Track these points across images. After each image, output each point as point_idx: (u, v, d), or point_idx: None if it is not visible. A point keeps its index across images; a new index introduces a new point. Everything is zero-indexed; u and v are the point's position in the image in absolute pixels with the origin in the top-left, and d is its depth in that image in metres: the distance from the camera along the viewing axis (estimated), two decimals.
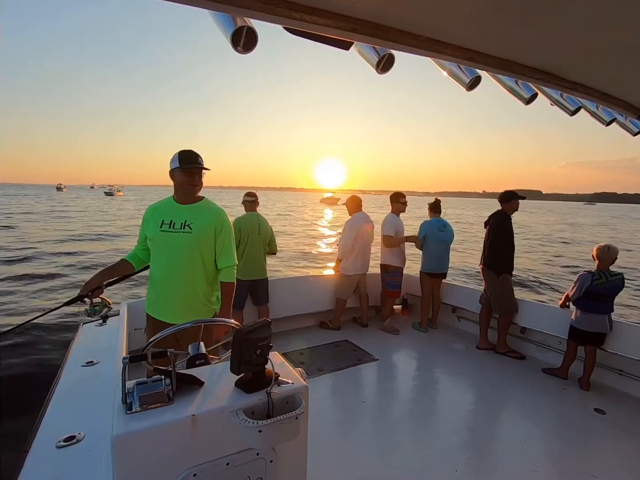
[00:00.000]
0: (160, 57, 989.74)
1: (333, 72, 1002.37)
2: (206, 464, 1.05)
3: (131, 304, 2.96)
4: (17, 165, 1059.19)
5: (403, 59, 4.46)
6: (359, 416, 2.71)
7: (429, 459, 2.21)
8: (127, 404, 1.04)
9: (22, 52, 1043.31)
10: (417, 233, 4.50)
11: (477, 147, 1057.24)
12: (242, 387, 1.14)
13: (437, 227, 4.43)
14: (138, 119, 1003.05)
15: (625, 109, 2.07)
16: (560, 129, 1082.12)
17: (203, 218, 2.10)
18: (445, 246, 4.43)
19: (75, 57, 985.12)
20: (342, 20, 1.20)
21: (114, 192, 74.33)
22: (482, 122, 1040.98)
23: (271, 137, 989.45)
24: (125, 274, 2.25)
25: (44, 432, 1.55)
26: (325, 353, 3.73)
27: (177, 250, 2.05)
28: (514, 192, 3.88)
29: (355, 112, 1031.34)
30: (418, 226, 4.55)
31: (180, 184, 2.07)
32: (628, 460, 2.29)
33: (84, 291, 2.05)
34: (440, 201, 4.62)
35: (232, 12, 1.12)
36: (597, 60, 1.55)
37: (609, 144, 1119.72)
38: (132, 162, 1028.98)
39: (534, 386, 3.16)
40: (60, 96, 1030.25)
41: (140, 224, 2.20)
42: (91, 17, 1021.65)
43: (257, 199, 3.94)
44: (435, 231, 4.40)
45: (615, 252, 3.14)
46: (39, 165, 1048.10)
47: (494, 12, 1.18)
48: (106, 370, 2.06)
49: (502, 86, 1.84)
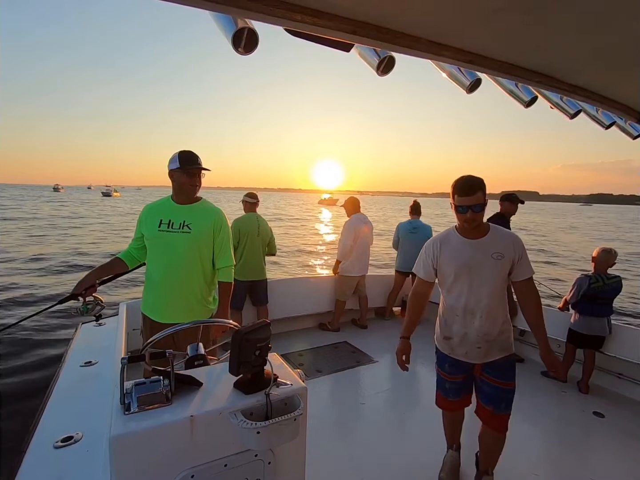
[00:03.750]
0: (160, 57, 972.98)
1: (333, 74, 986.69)
2: (204, 465, 1.05)
3: (130, 304, 2.96)
4: (12, 165, 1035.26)
5: (403, 62, 4.44)
6: (357, 418, 2.71)
7: (428, 460, 2.20)
8: (125, 405, 1.04)
9: (21, 53, 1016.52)
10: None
11: (475, 149, 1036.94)
12: (241, 388, 1.13)
13: (409, 229, 4.70)
14: (137, 119, 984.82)
15: (625, 112, 2.07)
16: (556, 132, 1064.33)
17: (202, 218, 2.11)
18: (417, 246, 4.54)
19: (73, 58, 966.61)
20: (342, 22, 1.20)
21: (111, 192, 74.35)
22: (479, 124, 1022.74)
23: (270, 138, 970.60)
24: (119, 273, 2.24)
25: (41, 432, 1.55)
26: (325, 354, 3.72)
27: (176, 250, 2.05)
28: (514, 195, 3.88)
29: (355, 113, 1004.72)
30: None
31: (181, 185, 2.07)
32: (627, 463, 2.29)
33: (77, 289, 2.03)
34: (419, 203, 4.85)
35: (233, 14, 1.12)
36: (597, 63, 1.56)
37: (604, 147, 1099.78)
38: (130, 162, 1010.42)
39: (533, 389, 3.15)
40: (57, 97, 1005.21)
41: (137, 222, 2.19)
42: (91, 17, 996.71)
43: (258, 201, 3.95)
44: (407, 232, 4.69)
45: (615, 256, 3.15)
46: (36, 166, 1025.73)
47: (494, 15, 1.18)
48: (105, 371, 2.05)
49: (502, 89, 1.85)
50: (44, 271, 9.81)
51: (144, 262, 2.22)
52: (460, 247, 1.81)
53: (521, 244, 1.80)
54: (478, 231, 1.80)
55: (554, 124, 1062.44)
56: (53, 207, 36.27)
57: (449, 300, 1.87)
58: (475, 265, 1.76)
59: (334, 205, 64.77)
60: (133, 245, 2.21)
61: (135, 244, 2.20)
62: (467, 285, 1.79)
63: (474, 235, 1.80)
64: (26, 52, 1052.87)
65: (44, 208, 34.24)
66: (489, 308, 1.78)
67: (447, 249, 1.84)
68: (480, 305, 1.78)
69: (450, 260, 1.82)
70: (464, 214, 1.71)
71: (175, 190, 2.13)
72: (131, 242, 2.23)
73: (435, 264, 1.88)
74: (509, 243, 1.78)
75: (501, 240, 1.79)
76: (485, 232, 1.80)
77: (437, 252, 1.87)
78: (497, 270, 1.76)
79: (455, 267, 1.80)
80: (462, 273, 1.79)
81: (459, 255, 1.79)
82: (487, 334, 1.79)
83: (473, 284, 1.78)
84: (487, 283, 1.77)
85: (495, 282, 1.77)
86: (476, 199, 1.68)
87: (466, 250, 1.79)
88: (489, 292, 1.77)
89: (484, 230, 1.81)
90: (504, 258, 1.75)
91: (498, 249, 1.76)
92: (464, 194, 1.69)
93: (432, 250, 1.90)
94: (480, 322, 1.78)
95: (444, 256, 1.84)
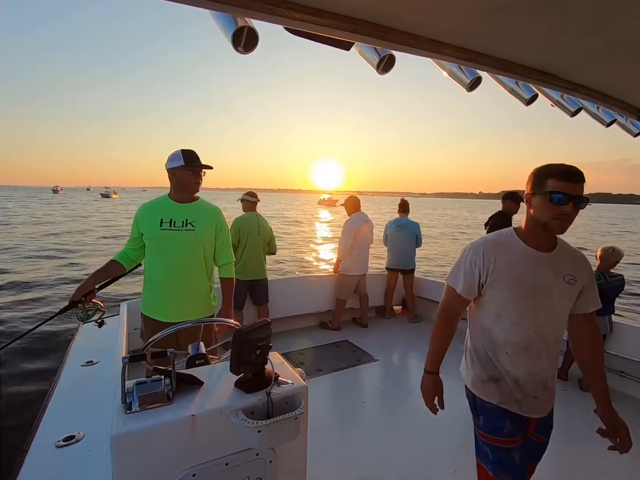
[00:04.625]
0: (159, 58, 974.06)
1: (333, 73, 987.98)
2: (205, 464, 1.05)
3: (131, 304, 2.96)
4: (11, 167, 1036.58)
5: (402, 60, 4.46)
6: (358, 416, 2.71)
7: (429, 460, 2.20)
8: (126, 404, 1.04)
9: (20, 53, 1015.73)
10: None
11: (474, 148, 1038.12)
12: (242, 387, 1.14)
13: (394, 227, 4.76)
14: (136, 120, 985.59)
15: (626, 110, 2.07)
16: (555, 131, 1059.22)
17: (204, 216, 2.12)
18: (404, 244, 4.71)
19: (72, 58, 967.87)
20: (343, 20, 1.20)
21: (110, 194, 74.43)
22: (479, 124, 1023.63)
23: (269, 138, 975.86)
24: (117, 275, 2.18)
25: (43, 431, 1.55)
26: (325, 353, 3.73)
27: (181, 249, 2.05)
28: (517, 194, 3.88)
29: (355, 113, 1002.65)
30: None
31: (184, 183, 2.07)
32: (628, 462, 2.29)
33: (77, 297, 1.97)
34: (408, 202, 4.93)
35: (233, 12, 1.12)
36: (597, 61, 1.55)
37: (604, 146, 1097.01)
38: (130, 163, 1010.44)
39: None
40: (56, 98, 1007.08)
41: (132, 223, 2.16)
42: (90, 17, 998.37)
43: (258, 200, 3.95)
44: (393, 230, 4.75)
45: (620, 255, 3.14)
46: (35, 167, 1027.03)
47: (494, 13, 1.18)
48: (106, 370, 2.06)
49: (503, 87, 1.85)
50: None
51: (140, 262, 2.20)
52: (524, 258, 1.32)
53: (590, 266, 1.40)
54: (551, 241, 1.34)
55: (554, 123, 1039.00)
56: (51, 209, 36.35)
57: (496, 329, 1.36)
58: (544, 287, 1.31)
59: (334, 206, 64.63)
60: (129, 246, 2.17)
61: (131, 244, 2.17)
62: (529, 313, 1.32)
63: (545, 246, 1.33)
64: (26, 52, 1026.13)
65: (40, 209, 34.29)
66: (554, 347, 1.37)
67: (505, 259, 1.32)
68: (546, 341, 1.34)
69: (509, 276, 1.31)
70: (562, 205, 1.21)
71: (175, 188, 2.12)
72: (127, 243, 2.19)
73: (485, 277, 1.34)
74: (581, 263, 1.37)
75: (572, 258, 1.37)
76: (555, 244, 1.36)
77: (490, 261, 1.32)
78: (569, 298, 1.34)
79: (516, 285, 1.31)
80: (524, 296, 1.31)
81: (523, 270, 1.31)
82: (546, 379, 1.37)
83: (538, 311, 1.32)
84: (557, 313, 1.34)
85: (565, 313, 1.36)
86: (582, 190, 1.23)
87: (534, 264, 1.31)
88: (558, 325, 1.35)
89: (554, 242, 1.36)
90: (576, 283, 1.33)
91: (570, 270, 1.33)
92: (568, 180, 1.22)
93: (481, 258, 1.34)
94: (540, 364, 1.34)
95: (499, 269, 1.32)
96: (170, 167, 2.06)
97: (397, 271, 4.75)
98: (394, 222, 4.81)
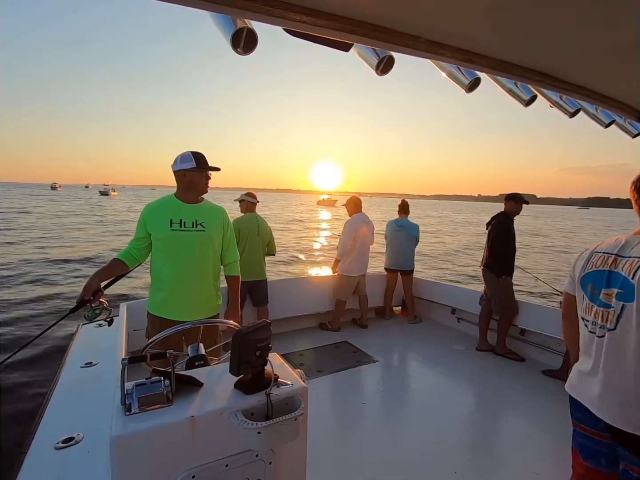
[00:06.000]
0: (159, 58, 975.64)
1: (332, 74, 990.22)
2: (205, 466, 1.05)
3: (131, 305, 2.96)
4: (10, 164, 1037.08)
5: (401, 62, 4.39)
6: (358, 417, 2.71)
7: (429, 460, 2.20)
8: (126, 405, 1.04)
9: (19, 53, 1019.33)
10: None
11: (473, 150, 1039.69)
12: (242, 388, 1.13)
13: (394, 227, 4.76)
14: (136, 119, 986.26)
15: (625, 111, 2.07)
16: (554, 134, 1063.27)
17: (212, 217, 2.18)
18: (403, 244, 4.72)
19: (72, 58, 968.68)
20: (342, 21, 1.20)
21: (108, 191, 74.25)
22: (477, 126, 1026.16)
23: (269, 138, 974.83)
24: (120, 274, 2.19)
25: (42, 433, 1.55)
26: (325, 354, 3.72)
27: (191, 249, 2.09)
28: (519, 195, 3.87)
29: (355, 114, 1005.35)
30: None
31: (195, 184, 2.11)
32: None
33: (86, 295, 1.96)
34: (408, 203, 4.94)
35: (232, 14, 1.12)
36: (596, 62, 1.56)
37: (602, 150, 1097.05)
38: (128, 162, 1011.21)
39: (534, 388, 3.15)
40: (56, 96, 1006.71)
41: (138, 222, 2.16)
42: (90, 18, 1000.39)
43: (257, 201, 3.95)
44: (393, 230, 4.76)
45: None
46: (34, 164, 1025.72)
47: (493, 14, 1.18)
48: (105, 371, 2.05)
49: (502, 88, 1.85)
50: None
51: (142, 261, 2.22)
52: None
53: None
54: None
55: (552, 126, 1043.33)
56: (47, 206, 36.20)
57: None
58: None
59: (333, 207, 64.62)
60: (134, 245, 2.17)
61: (136, 244, 2.17)
62: None
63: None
64: (26, 51, 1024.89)
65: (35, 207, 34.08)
66: None
67: None
68: None
69: None
70: None
71: (184, 189, 2.13)
72: (131, 242, 2.19)
73: None
74: None
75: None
76: None
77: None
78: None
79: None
80: None
81: None
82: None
83: None
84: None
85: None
86: None
87: None
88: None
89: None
90: None
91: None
92: None
93: None
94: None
95: None
96: (180, 169, 2.07)
97: (396, 272, 4.76)
98: (394, 222, 4.82)
